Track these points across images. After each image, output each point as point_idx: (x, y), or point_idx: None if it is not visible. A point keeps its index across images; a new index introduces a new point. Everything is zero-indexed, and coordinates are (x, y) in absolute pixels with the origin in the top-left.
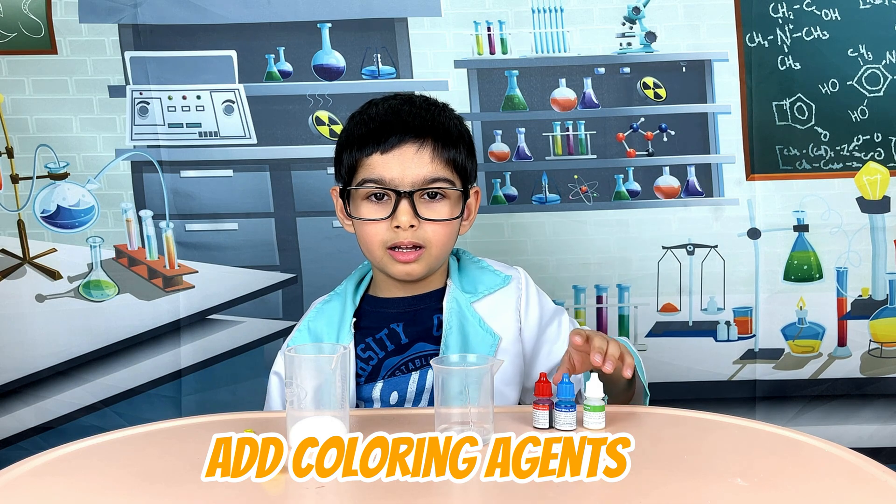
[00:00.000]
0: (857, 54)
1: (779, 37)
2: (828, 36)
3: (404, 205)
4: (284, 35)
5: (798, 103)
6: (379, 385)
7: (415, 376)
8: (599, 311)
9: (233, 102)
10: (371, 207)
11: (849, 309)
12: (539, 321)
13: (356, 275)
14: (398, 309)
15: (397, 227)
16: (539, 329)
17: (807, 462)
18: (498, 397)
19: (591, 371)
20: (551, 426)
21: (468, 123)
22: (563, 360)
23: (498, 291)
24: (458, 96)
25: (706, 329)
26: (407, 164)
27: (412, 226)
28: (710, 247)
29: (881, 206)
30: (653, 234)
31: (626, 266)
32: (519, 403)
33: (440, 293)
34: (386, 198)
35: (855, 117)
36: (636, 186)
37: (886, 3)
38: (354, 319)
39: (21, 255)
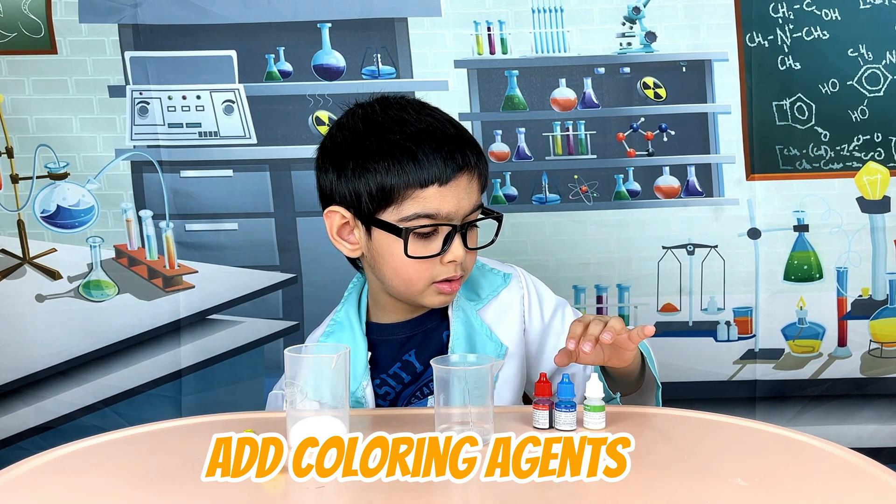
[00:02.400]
0: (857, 54)
1: (779, 37)
2: (828, 36)
3: (458, 240)
4: (284, 35)
5: (798, 103)
6: None
7: (431, 401)
8: (599, 312)
9: (233, 102)
10: (420, 244)
11: (849, 309)
12: (542, 318)
13: (353, 298)
14: (406, 334)
15: (450, 261)
16: (543, 325)
17: (807, 462)
18: (497, 399)
19: (592, 371)
20: (551, 426)
21: (468, 123)
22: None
23: (501, 293)
24: (458, 96)
25: (706, 329)
26: (461, 195)
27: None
28: (710, 247)
29: (881, 206)
30: (653, 234)
31: (626, 266)
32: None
33: (443, 307)
34: (434, 232)
35: (855, 117)
36: (636, 186)
37: (886, 3)
38: (370, 354)
39: (21, 255)
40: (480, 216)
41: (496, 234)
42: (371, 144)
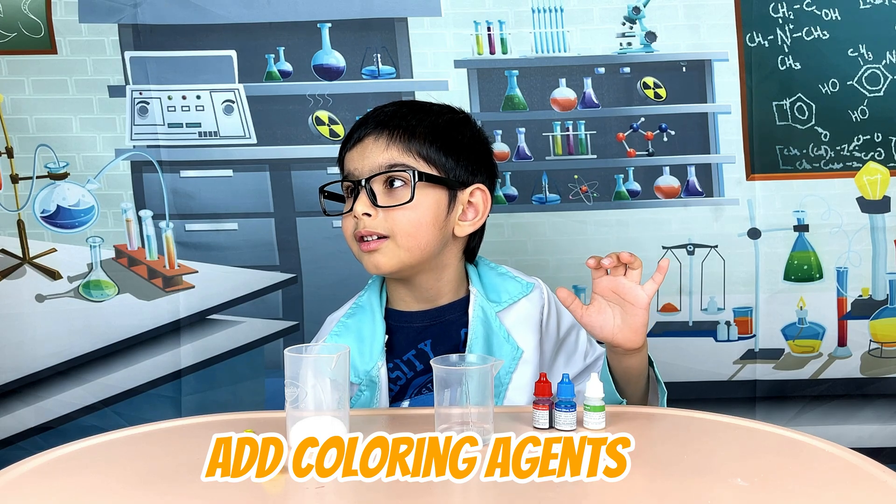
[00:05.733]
0: (857, 54)
1: (779, 37)
2: (828, 36)
3: (361, 194)
4: (284, 35)
5: (798, 103)
6: (405, 404)
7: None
8: None
9: (233, 102)
10: (343, 205)
11: (849, 309)
12: (557, 332)
13: (376, 285)
14: (423, 323)
15: (355, 216)
16: (558, 340)
17: (807, 462)
18: (508, 404)
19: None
20: (551, 426)
21: None
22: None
23: (522, 300)
24: (458, 96)
25: (706, 329)
26: (366, 153)
27: (368, 214)
28: (711, 247)
29: (881, 206)
30: (653, 234)
31: None
32: None
33: (463, 303)
34: (353, 192)
35: (855, 117)
36: (636, 186)
37: (886, 3)
38: (387, 337)
39: (21, 255)
40: (393, 173)
41: (412, 194)
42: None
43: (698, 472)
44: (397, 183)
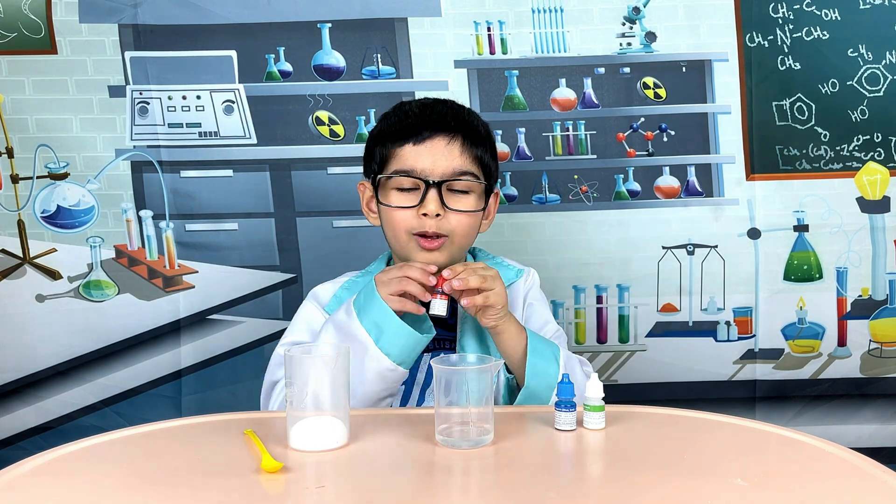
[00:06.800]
0: (857, 54)
1: (779, 37)
2: (828, 36)
3: (432, 194)
4: (284, 35)
5: (798, 103)
6: (427, 356)
7: (426, 358)
8: (599, 311)
9: (233, 102)
10: (400, 196)
11: (849, 309)
12: (521, 316)
13: (384, 259)
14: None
15: (424, 214)
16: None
17: (807, 462)
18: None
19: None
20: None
21: None
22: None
23: (511, 286)
24: (458, 96)
25: (706, 329)
26: (438, 155)
27: (438, 215)
28: (710, 247)
29: (881, 206)
30: (653, 234)
31: (626, 266)
32: None
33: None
34: (415, 188)
35: (855, 117)
36: (636, 186)
37: (886, 3)
38: None
39: (21, 255)
40: (465, 180)
41: (486, 203)
42: (378, 127)
43: (698, 472)
44: (462, 186)
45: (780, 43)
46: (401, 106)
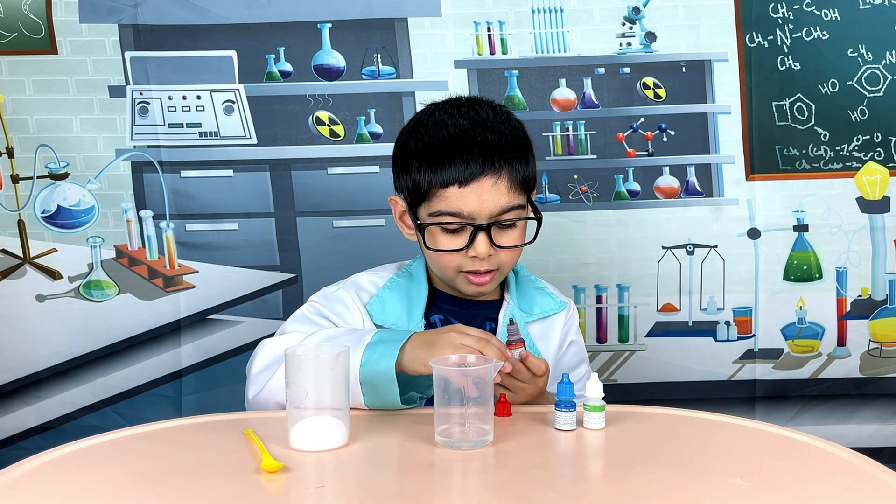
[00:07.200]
0: (857, 54)
1: (779, 37)
2: (828, 36)
3: (482, 237)
4: (284, 35)
5: (798, 103)
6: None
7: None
8: (599, 311)
9: (233, 102)
10: (446, 238)
11: (848, 309)
12: (563, 357)
13: (422, 261)
14: (455, 307)
15: (474, 256)
16: (559, 364)
17: (807, 462)
18: None
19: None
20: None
21: None
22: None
23: (550, 317)
24: None
25: (706, 329)
26: (485, 196)
27: (490, 254)
28: (710, 247)
29: (881, 206)
30: (652, 234)
31: (626, 266)
32: None
33: (495, 304)
34: (461, 227)
35: (855, 117)
36: (636, 186)
37: (886, 3)
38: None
39: (21, 255)
40: (512, 217)
41: (535, 235)
42: (413, 145)
43: (698, 472)
44: (509, 219)
45: (780, 43)
46: (437, 127)
